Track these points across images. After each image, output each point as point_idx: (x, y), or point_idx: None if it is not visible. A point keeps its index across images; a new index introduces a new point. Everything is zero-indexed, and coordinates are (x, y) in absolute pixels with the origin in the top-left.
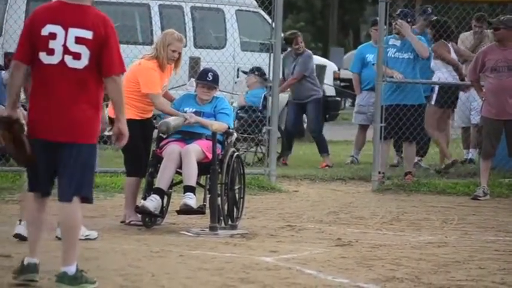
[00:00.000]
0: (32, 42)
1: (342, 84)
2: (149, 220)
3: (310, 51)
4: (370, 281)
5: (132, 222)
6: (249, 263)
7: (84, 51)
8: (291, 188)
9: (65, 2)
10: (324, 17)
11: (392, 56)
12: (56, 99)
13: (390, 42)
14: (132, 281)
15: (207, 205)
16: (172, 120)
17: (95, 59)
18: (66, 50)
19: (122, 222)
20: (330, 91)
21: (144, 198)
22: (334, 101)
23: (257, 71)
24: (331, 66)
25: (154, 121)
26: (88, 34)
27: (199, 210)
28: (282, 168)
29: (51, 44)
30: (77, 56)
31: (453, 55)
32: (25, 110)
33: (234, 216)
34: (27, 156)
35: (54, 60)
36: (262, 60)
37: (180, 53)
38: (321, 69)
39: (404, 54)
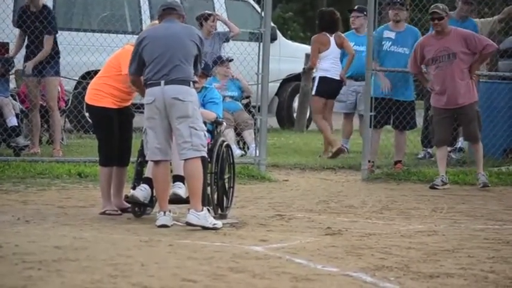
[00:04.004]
0: None
1: None
2: (139, 210)
3: None
4: (360, 269)
5: (107, 212)
6: (239, 252)
7: None
8: (280, 177)
9: None
10: (313, 7)
11: (388, 49)
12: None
13: (384, 35)
14: (122, 270)
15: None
16: None
17: None
18: None
19: (100, 213)
20: None
21: (134, 188)
22: None
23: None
24: None
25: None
26: None
27: (189, 200)
28: (271, 157)
29: None
30: None
31: (333, 46)
32: (14, 100)
33: (224, 205)
34: None
35: None
36: (251, 49)
37: None
38: None
39: (399, 48)
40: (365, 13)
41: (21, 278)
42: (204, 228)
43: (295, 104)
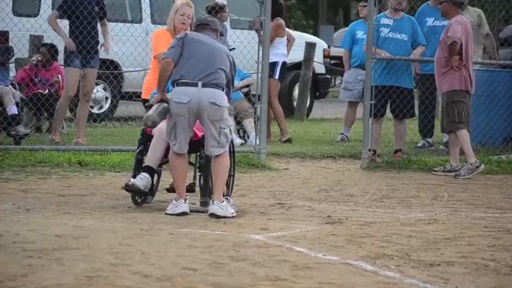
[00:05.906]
0: None
1: (332, 62)
2: (139, 198)
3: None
4: (360, 258)
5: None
6: (239, 240)
7: None
8: (281, 166)
9: None
10: None
11: (385, 36)
12: None
13: (382, 22)
14: (122, 259)
15: (197, 183)
16: (155, 111)
17: None
18: None
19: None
20: (320, 69)
21: (134, 177)
22: (324, 78)
23: None
24: (321, 44)
25: None
26: None
27: (189, 188)
28: (271, 145)
29: None
30: None
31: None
32: (14, 88)
33: (224, 194)
34: None
35: None
36: (251, 38)
37: (190, 18)
38: (311, 47)
39: (397, 34)
40: None
41: (22, 267)
42: (226, 218)
43: (296, 93)
